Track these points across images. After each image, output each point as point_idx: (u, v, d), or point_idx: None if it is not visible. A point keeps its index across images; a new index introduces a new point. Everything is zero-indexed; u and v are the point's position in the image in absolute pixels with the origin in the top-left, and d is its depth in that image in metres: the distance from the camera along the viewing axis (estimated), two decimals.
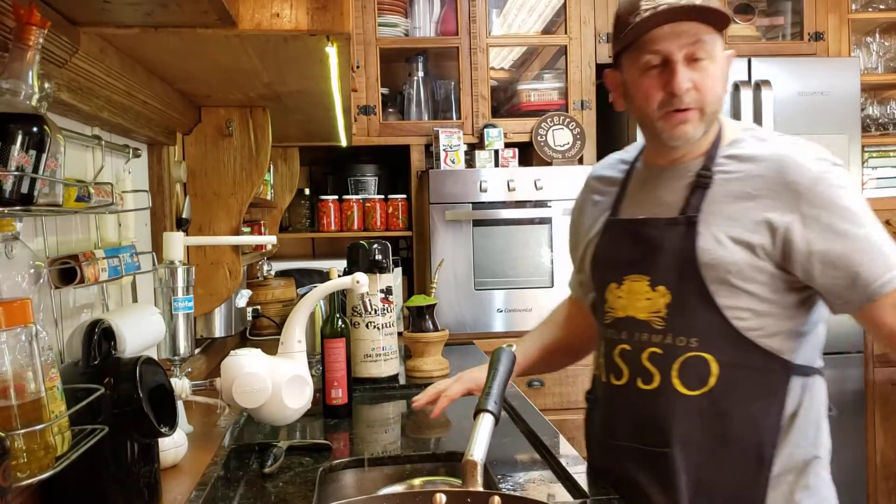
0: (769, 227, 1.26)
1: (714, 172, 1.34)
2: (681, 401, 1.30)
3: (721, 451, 1.31)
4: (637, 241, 1.38)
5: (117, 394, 1.15)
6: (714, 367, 1.29)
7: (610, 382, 1.41)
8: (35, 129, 0.97)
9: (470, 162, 3.27)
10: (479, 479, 1.06)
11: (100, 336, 1.21)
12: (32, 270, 1.09)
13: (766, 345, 1.29)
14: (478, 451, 1.08)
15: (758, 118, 3.10)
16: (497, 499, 1.00)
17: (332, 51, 1.42)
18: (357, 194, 3.47)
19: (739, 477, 1.30)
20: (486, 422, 1.15)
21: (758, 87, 3.11)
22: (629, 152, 1.54)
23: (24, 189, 0.97)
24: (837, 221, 1.24)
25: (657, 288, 1.34)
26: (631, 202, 1.45)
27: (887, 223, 3.38)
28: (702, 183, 1.34)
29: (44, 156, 0.98)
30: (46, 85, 1.04)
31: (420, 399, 1.64)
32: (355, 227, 3.39)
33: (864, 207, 1.27)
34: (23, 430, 0.90)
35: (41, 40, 0.98)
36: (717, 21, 1.28)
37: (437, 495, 1.02)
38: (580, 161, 3.35)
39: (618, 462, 1.39)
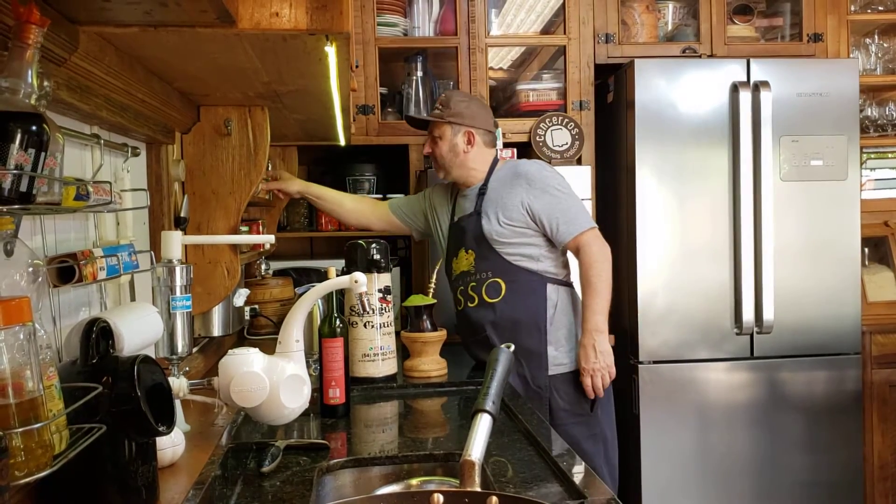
0: None
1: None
2: None
3: None
4: None
5: (115, 392, 1.15)
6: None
7: None
8: (34, 127, 0.97)
9: None
10: (477, 479, 1.06)
11: (98, 335, 1.20)
12: (31, 269, 1.09)
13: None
14: (475, 451, 1.08)
15: (756, 119, 3.09)
16: (494, 499, 1.00)
17: (331, 50, 1.43)
18: (355, 193, 3.46)
19: None
20: (483, 422, 1.15)
21: (756, 88, 3.11)
22: None
23: (23, 188, 0.97)
24: None
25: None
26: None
27: (885, 224, 3.38)
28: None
29: (43, 154, 0.98)
30: (45, 83, 1.04)
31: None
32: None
33: None
34: (21, 429, 0.90)
35: (40, 39, 0.98)
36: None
37: (435, 495, 1.02)
38: (579, 161, 3.35)
39: None
